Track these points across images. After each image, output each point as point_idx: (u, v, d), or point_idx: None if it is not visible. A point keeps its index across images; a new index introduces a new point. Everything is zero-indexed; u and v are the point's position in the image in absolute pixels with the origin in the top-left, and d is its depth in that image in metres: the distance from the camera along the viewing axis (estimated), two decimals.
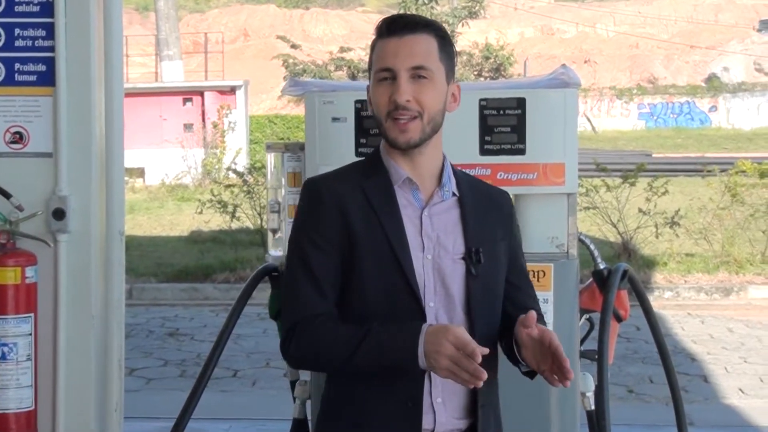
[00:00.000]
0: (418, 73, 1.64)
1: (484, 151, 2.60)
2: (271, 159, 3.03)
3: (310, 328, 1.64)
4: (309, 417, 2.73)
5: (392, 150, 1.70)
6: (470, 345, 1.50)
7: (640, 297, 3.01)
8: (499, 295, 1.73)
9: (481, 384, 1.50)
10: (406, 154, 1.69)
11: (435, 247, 1.68)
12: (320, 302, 1.66)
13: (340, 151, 2.74)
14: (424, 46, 1.66)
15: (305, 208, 1.71)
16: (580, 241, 2.74)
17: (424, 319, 1.63)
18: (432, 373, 1.61)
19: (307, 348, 1.65)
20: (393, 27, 1.67)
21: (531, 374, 1.68)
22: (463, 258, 1.68)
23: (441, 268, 1.68)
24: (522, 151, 2.66)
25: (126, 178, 14.48)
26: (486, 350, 1.51)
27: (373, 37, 1.72)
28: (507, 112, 2.61)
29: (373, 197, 1.68)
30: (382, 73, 1.66)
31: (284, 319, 1.70)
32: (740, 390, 5.18)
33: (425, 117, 1.65)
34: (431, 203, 1.71)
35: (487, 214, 1.74)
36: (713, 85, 30.90)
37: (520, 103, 2.65)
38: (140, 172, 16.31)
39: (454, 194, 1.73)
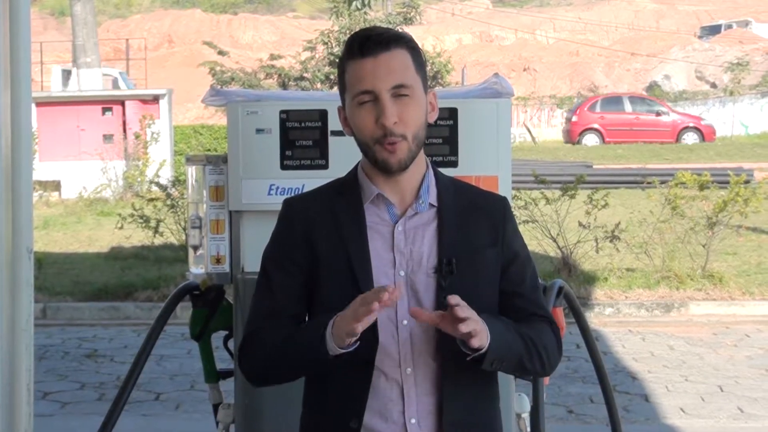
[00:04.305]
0: (399, 92, 1.62)
1: None
2: (191, 172, 2.88)
3: (254, 341, 1.67)
4: None
5: (371, 168, 1.67)
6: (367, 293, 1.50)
7: (577, 314, 2.98)
8: (486, 308, 1.64)
9: (385, 301, 1.47)
10: (388, 173, 1.66)
11: (408, 263, 1.65)
12: (272, 319, 1.67)
13: (264, 163, 2.65)
14: (400, 62, 1.63)
15: (276, 227, 1.75)
16: None
17: (377, 339, 1.62)
18: (405, 393, 1.63)
19: (252, 360, 1.68)
20: (365, 47, 1.63)
21: (479, 360, 1.58)
22: (435, 270, 1.64)
23: (414, 283, 1.65)
24: (455, 164, 2.60)
25: (40, 192, 13.76)
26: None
27: (340, 56, 1.69)
28: (438, 122, 2.55)
29: (341, 216, 1.68)
30: (363, 96, 1.63)
31: (243, 335, 1.74)
32: (681, 409, 5.12)
33: (410, 137, 1.63)
34: (405, 217, 1.67)
35: (472, 222, 1.69)
36: (655, 93, 30.81)
37: (452, 113, 2.60)
38: (56, 186, 15.67)
39: (432, 205, 1.68)
